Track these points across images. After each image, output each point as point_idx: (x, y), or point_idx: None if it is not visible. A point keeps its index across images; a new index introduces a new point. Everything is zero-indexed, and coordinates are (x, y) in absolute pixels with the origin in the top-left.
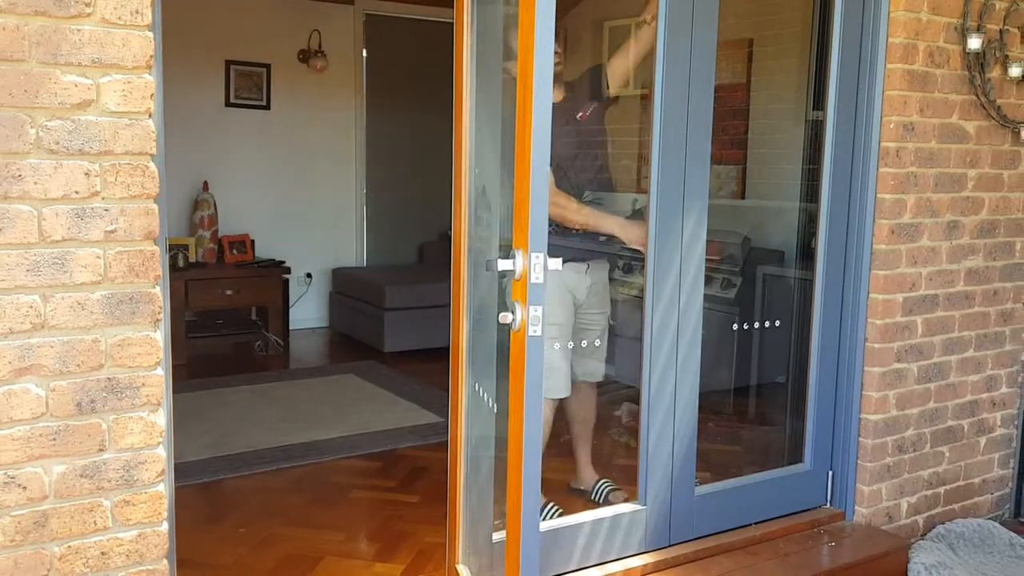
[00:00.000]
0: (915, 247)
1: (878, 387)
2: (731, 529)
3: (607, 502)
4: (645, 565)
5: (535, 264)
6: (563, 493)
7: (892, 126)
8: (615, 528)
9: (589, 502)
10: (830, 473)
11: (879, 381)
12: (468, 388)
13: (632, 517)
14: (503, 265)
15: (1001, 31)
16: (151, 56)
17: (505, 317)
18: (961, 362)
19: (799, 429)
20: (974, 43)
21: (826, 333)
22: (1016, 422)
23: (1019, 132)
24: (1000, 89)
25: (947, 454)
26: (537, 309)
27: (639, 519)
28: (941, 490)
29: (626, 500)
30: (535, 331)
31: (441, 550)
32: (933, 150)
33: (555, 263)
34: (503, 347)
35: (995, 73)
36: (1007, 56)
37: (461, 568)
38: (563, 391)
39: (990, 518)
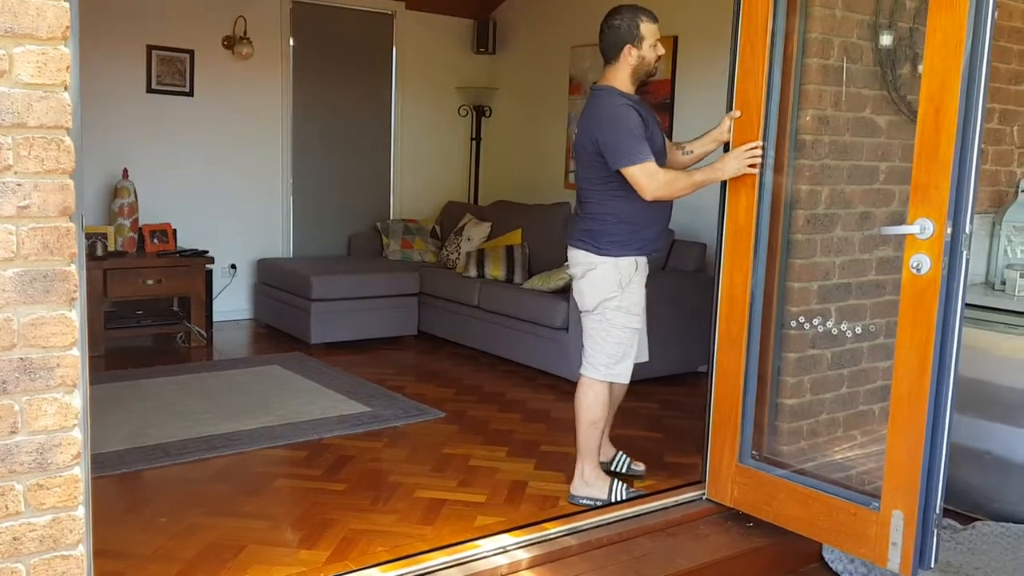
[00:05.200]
0: (829, 237)
1: (793, 372)
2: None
3: (630, 471)
4: None
5: (948, 231)
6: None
7: (808, 119)
8: None
9: (609, 473)
10: None
11: (795, 367)
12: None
13: None
14: (898, 230)
15: (911, 29)
16: (67, 27)
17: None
18: (872, 349)
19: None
20: (886, 40)
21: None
22: None
23: None
24: (910, 85)
25: (859, 438)
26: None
27: None
28: (853, 473)
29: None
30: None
31: (367, 536)
32: (847, 143)
33: None
34: None
35: (905, 70)
36: (916, 53)
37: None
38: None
39: None
